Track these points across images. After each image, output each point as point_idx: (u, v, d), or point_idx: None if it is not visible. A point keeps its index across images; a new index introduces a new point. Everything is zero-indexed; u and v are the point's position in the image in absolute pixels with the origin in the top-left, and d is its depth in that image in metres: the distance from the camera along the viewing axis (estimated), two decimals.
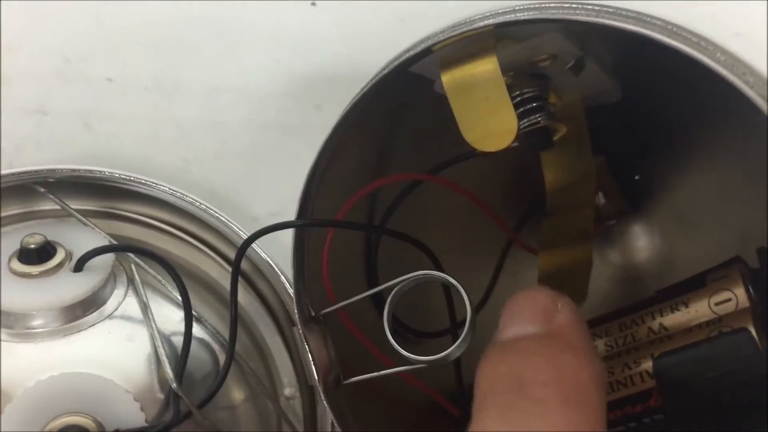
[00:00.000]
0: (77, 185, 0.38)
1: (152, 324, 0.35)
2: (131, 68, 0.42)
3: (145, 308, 0.35)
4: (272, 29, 0.41)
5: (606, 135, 0.34)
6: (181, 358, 0.34)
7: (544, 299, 0.27)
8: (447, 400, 0.34)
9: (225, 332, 0.36)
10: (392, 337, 0.28)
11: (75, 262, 0.34)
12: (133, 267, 0.36)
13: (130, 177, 0.37)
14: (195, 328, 0.35)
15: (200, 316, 0.37)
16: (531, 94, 0.31)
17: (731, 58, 0.25)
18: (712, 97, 0.31)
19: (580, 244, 0.34)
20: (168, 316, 0.36)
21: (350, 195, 0.32)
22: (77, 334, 0.34)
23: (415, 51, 0.27)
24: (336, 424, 0.32)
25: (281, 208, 0.41)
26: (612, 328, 0.33)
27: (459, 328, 0.32)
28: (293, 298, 0.32)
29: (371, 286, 0.35)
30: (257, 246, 0.36)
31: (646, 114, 0.35)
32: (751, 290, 0.30)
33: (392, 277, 0.29)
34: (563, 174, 0.35)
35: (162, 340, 0.35)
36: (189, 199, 0.37)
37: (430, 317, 0.36)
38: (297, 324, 0.32)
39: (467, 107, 0.29)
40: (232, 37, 0.41)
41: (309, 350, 0.31)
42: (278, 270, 0.36)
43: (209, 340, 0.37)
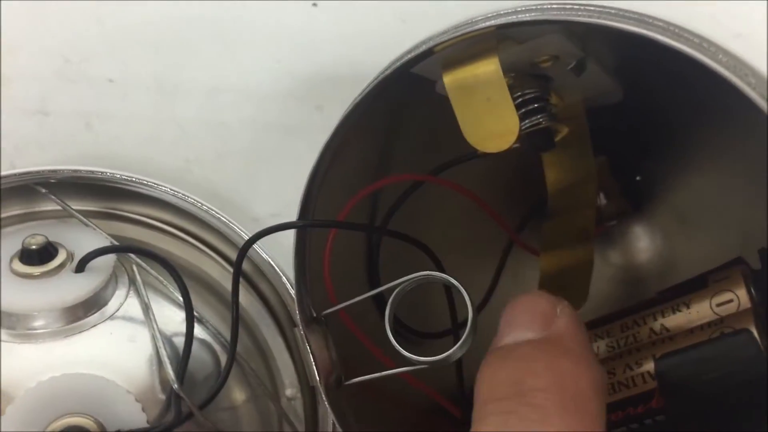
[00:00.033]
0: (78, 186, 0.38)
1: (154, 325, 0.35)
2: (132, 69, 0.42)
3: (147, 309, 0.35)
4: (273, 29, 0.41)
5: (607, 136, 0.34)
6: (183, 359, 0.34)
7: (543, 304, 0.27)
8: (448, 401, 0.34)
9: (226, 333, 0.36)
10: (394, 338, 0.28)
11: (76, 263, 0.34)
12: (135, 268, 0.36)
13: (132, 178, 0.37)
14: (196, 329, 0.35)
15: (201, 317, 0.37)
16: (532, 95, 0.31)
17: (733, 60, 0.25)
18: (713, 98, 0.31)
19: (582, 245, 0.34)
20: (169, 317, 0.36)
21: (352, 196, 0.32)
22: (79, 335, 0.34)
23: (417, 52, 0.27)
24: (337, 425, 0.32)
25: (282, 209, 0.41)
26: (613, 329, 0.33)
27: (460, 329, 0.32)
28: (295, 299, 0.32)
29: (373, 287, 0.35)
30: (258, 247, 0.36)
31: (648, 115, 0.35)
32: (753, 291, 0.30)
33: (394, 278, 0.29)
34: (564, 175, 0.35)
35: (163, 341, 0.35)
36: (191, 200, 0.37)
37: (432, 318, 0.36)
38: (298, 325, 0.32)
39: (469, 108, 0.29)
40: (233, 38, 0.41)
41: (310, 351, 0.31)
42: (279, 271, 0.36)
43: (210, 341, 0.37)
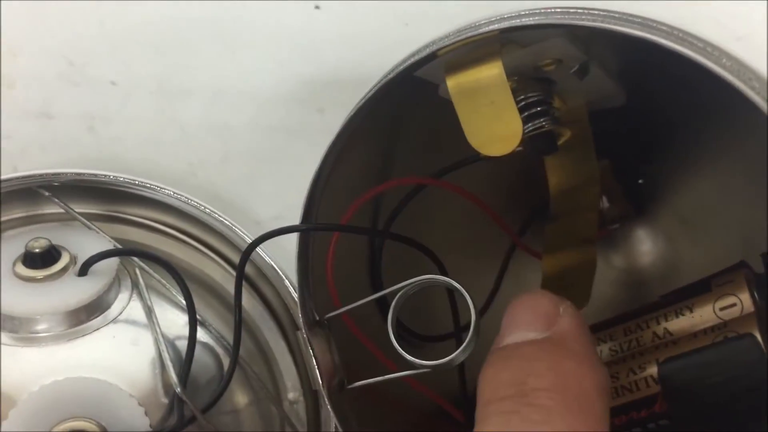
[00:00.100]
0: (81, 189, 0.38)
1: (156, 328, 0.35)
2: (134, 71, 0.42)
3: (150, 312, 0.35)
4: (276, 32, 0.41)
5: (610, 139, 0.34)
6: (186, 363, 0.34)
7: (546, 304, 0.27)
8: (451, 404, 0.34)
9: (229, 336, 0.36)
10: (396, 342, 0.28)
11: (79, 266, 0.34)
12: (138, 271, 0.36)
13: (135, 181, 0.37)
14: (199, 333, 0.35)
15: (204, 321, 0.37)
16: (535, 99, 0.31)
17: (737, 64, 0.25)
18: (716, 101, 0.31)
19: (584, 248, 0.34)
20: (172, 320, 0.36)
21: (354, 199, 0.32)
22: (81, 339, 0.34)
23: (421, 56, 0.27)
24: (339, 428, 0.32)
25: (284, 212, 0.41)
26: (616, 333, 0.33)
27: (463, 332, 0.32)
28: (297, 303, 0.32)
29: (375, 290, 0.35)
30: (261, 250, 0.36)
31: (650, 118, 0.35)
32: (756, 295, 0.30)
33: (396, 281, 0.28)
34: (567, 178, 0.35)
35: (166, 345, 0.35)
36: (193, 203, 0.37)
37: (434, 321, 0.36)
38: (301, 328, 0.32)
39: (472, 112, 0.29)
40: (236, 40, 0.41)
41: (313, 354, 0.31)
42: (282, 274, 0.36)
43: (213, 345, 0.37)
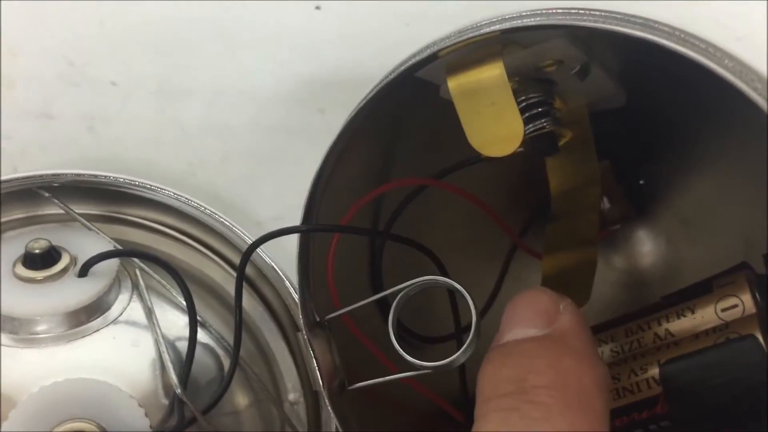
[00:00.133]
0: (82, 190, 0.38)
1: (157, 329, 0.35)
2: (135, 71, 0.42)
3: (150, 313, 0.35)
4: (276, 32, 0.41)
5: (610, 140, 0.34)
6: (186, 364, 0.34)
7: (546, 301, 0.27)
8: (451, 406, 0.34)
9: (229, 337, 0.36)
10: (397, 343, 0.28)
11: (79, 267, 0.34)
12: (138, 272, 0.36)
13: (135, 181, 0.37)
14: (199, 333, 0.35)
15: (205, 321, 0.37)
16: (536, 99, 0.31)
17: (739, 65, 0.24)
18: (717, 102, 0.31)
19: (585, 249, 0.34)
20: (172, 321, 0.36)
21: (355, 200, 0.32)
22: (81, 340, 0.34)
23: (422, 56, 0.27)
24: (340, 430, 0.32)
25: (285, 212, 0.41)
26: (618, 334, 0.33)
27: (464, 334, 0.32)
28: (298, 304, 0.32)
29: (376, 291, 0.35)
30: (262, 251, 0.36)
31: (651, 118, 0.35)
32: (758, 296, 0.30)
33: (397, 282, 0.28)
34: (568, 179, 0.35)
35: (166, 346, 0.34)
36: (194, 204, 0.37)
37: (435, 322, 0.36)
38: (302, 329, 0.32)
39: (473, 112, 0.28)
40: (236, 40, 0.41)
41: (314, 355, 0.31)
42: (283, 275, 0.36)
43: (214, 346, 0.37)
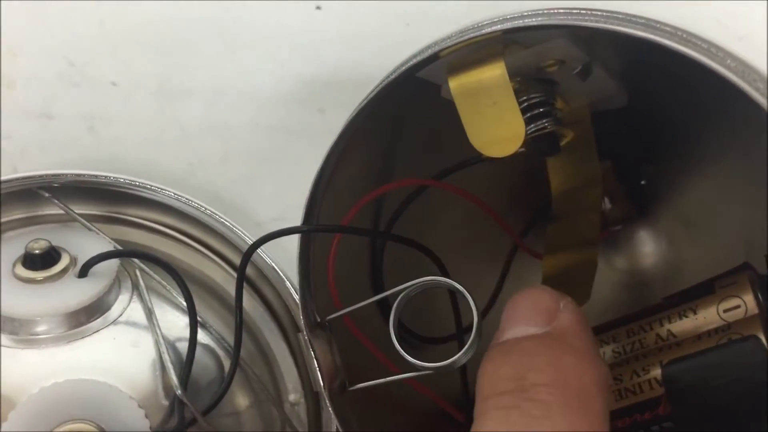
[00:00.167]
0: (82, 190, 0.38)
1: (157, 330, 0.35)
2: (135, 71, 0.42)
3: (150, 314, 0.35)
4: (277, 32, 0.41)
5: (611, 140, 0.34)
6: (186, 365, 0.34)
7: (547, 299, 0.27)
8: (452, 406, 0.34)
9: (230, 338, 0.36)
10: (398, 343, 0.28)
11: (80, 268, 0.34)
12: (138, 272, 0.36)
13: (135, 182, 0.37)
14: (200, 334, 0.35)
15: (205, 322, 0.37)
16: (538, 100, 0.30)
17: (741, 65, 0.24)
18: (718, 102, 0.31)
19: (586, 250, 0.34)
20: (173, 322, 0.36)
21: (356, 200, 0.32)
22: (81, 341, 0.34)
23: (423, 56, 0.27)
24: (340, 430, 0.32)
25: (285, 213, 0.41)
26: (619, 335, 0.33)
27: (465, 334, 0.32)
28: (299, 304, 0.31)
29: (376, 292, 0.35)
30: (262, 251, 0.36)
31: (652, 118, 0.35)
32: (760, 297, 0.30)
33: (398, 283, 0.28)
34: (569, 179, 0.35)
35: (167, 346, 0.34)
36: (194, 204, 0.37)
37: (436, 322, 0.36)
38: (302, 330, 0.32)
39: (475, 113, 0.28)
40: (236, 40, 0.41)
41: (314, 356, 0.31)
42: (283, 275, 0.36)
43: (214, 346, 0.36)
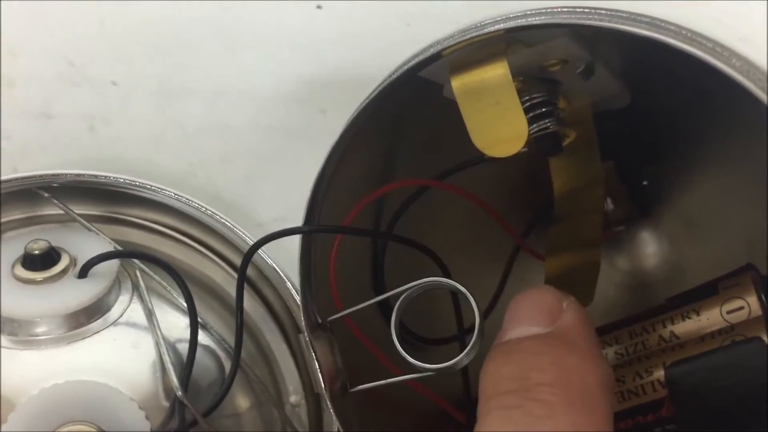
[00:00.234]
0: (81, 190, 0.37)
1: (157, 331, 0.35)
2: (135, 71, 0.42)
3: (150, 315, 0.35)
4: (277, 32, 0.41)
5: (614, 140, 0.34)
6: (187, 366, 0.34)
7: (550, 299, 0.27)
8: (453, 407, 0.34)
9: (230, 339, 0.36)
10: (400, 345, 0.28)
11: (79, 268, 0.34)
12: (138, 273, 0.36)
13: (135, 182, 0.37)
14: (200, 335, 0.35)
15: (206, 323, 0.37)
16: (540, 99, 0.30)
17: (746, 64, 0.24)
18: (721, 101, 0.31)
19: (588, 250, 0.34)
20: (173, 323, 0.36)
21: (357, 200, 0.32)
22: (82, 342, 0.34)
23: (425, 56, 0.27)
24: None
25: (286, 213, 0.41)
26: (622, 336, 0.33)
27: (467, 335, 0.32)
28: (300, 305, 0.31)
29: (378, 293, 0.35)
30: (263, 252, 0.36)
31: (655, 119, 0.35)
32: (764, 298, 0.30)
33: (399, 283, 0.28)
34: (571, 179, 0.35)
35: (167, 347, 0.34)
36: (195, 205, 0.37)
37: (437, 323, 0.36)
38: (303, 331, 0.32)
39: (477, 112, 0.28)
40: (236, 40, 0.41)
41: (316, 358, 0.31)
42: (284, 276, 0.36)
43: (214, 347, 0.36)
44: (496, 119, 0.28)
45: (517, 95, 0.28)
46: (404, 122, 0.34)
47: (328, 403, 0.31)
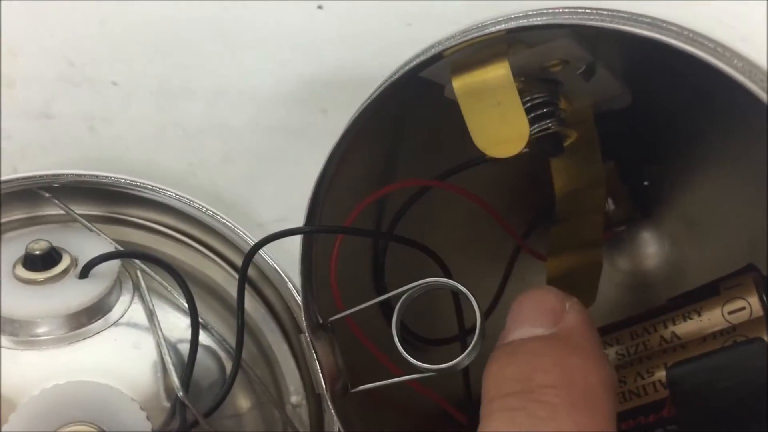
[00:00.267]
0: (82, 190, 0.37)
1: (158, 331, 0.35)
2: (135, 71, 0.42)
3: (151, 315, 0.35)
4: (278, 32, 0.41)
5: (615, 140, 0.34)
6: (188, 366, 0.34)
7: (552, 299, 0.27)
8: (454, 408, 0.34)
9: (231, 339, 0.36)
10: (401, 345, 0.27)
11: (80, 269, 0.34)
12: (139, 273, 0.36)
13: (136, 182, 0.37)
14: (201, 336, 0.35)
15: (206, 323, 0.37)
16: (541, 100, 0.30)
17: (748, 65, 0.24)
18: (723, 102, 0.31)
19: (590, 251, 0.34)
20: (174, 323, 0.36)
21: (358, 201, 0.32)
22: (83, 342, 0.34)
23: (426, 56, 0.27)
24: None
25: (287, 213, 0.41)
26: (623, 336, 0.33)
27: (468, 335, 0.32)
28: (301, 306, 0.31)
29: (379, 293, 0.35)
30: (264, 252, 0.36)
31: (655, 119, 0.35)
32: (765, 299, 0.30)
33: (400, 283, 0.28)
34: (573, 180, 0.35)
35: (168, 348, 0.34)
36: (195, 205, 0.37)
37: (438, 324, 0.36)
38: (304, 331, 0.32)
39: (478, 113, 0.28)
40: (236, 40, 0.41)
41: (317, 358, 0.31)
42: (285, 277, 0.36)
43: (215, 348, 0.36)
44: (498, 120, 0.28)
45: (519, 96, 0.28)
46: (405, 122, 0.34)
47: (329, 404, 0.31)
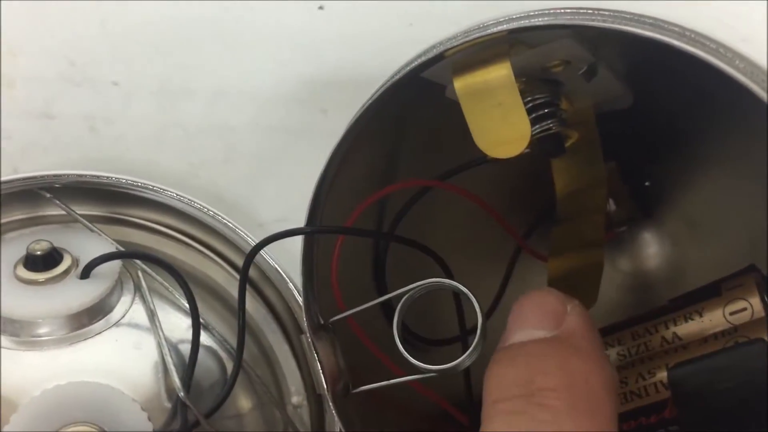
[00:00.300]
0: (83, 190, 0.37)
1: (159, 332, 0.35)
2: (136, 71, 0.42)
3: (152, 316, 0.35)
4: (278, 32, 0.41)
5: (616, 141, 0.34)
6: (189, 367, 0.34)
7: (553, 302, 0.27)
8: (455, 408, 0.34)
9: (232, 340, 0.36)
10: (402, 346, 0.27)
11: (81, 269, 0.34)
12: (140, 274, 0.36)
13: (137, 182, 0.37)
14: (202, 336, 0.35)
15: (207, 324, 0.37)
16: (543, 100, 0.30)
17: (750, 65, 0.24)
18: (724, 102, 0.31)
19: (591, 251, 0.34)
20: (175, 324, 0.36)
21: (359, 201, 0.32)
22: (84, 342, 0.34)
23: (428, 56, 0.27)
24: None
25: (287, 214, 0.41)
26: (624, 337, 0.33)
27: (469, 336, 0.32)
28: (302, 306, 0.31)
29: (380, 293, 0.35)
30: (265, 253, 0.36)
31: (657, 119, 0.35)
32: (767, 299, 0.30)
33: (401, 284, 0.28)
34: (574, 180, 0.34)
35: (169, 348, 0.34)
36: (196, 205, 0.37)
37: (439, 324, 0.36)
38: (305, 332, 0.31)
39: (480, 113, 0.28)
40: (237, 40, 0.41)
41: (318, 359, 0.31)
42: (286, 277, 0.36)
43: (216, 348, 0.36)
44: (499, 120, 0.28)
45: (520, 96, 0.28)
46: (407, 123, 0.34)
47: (330, 404, 0.31)
